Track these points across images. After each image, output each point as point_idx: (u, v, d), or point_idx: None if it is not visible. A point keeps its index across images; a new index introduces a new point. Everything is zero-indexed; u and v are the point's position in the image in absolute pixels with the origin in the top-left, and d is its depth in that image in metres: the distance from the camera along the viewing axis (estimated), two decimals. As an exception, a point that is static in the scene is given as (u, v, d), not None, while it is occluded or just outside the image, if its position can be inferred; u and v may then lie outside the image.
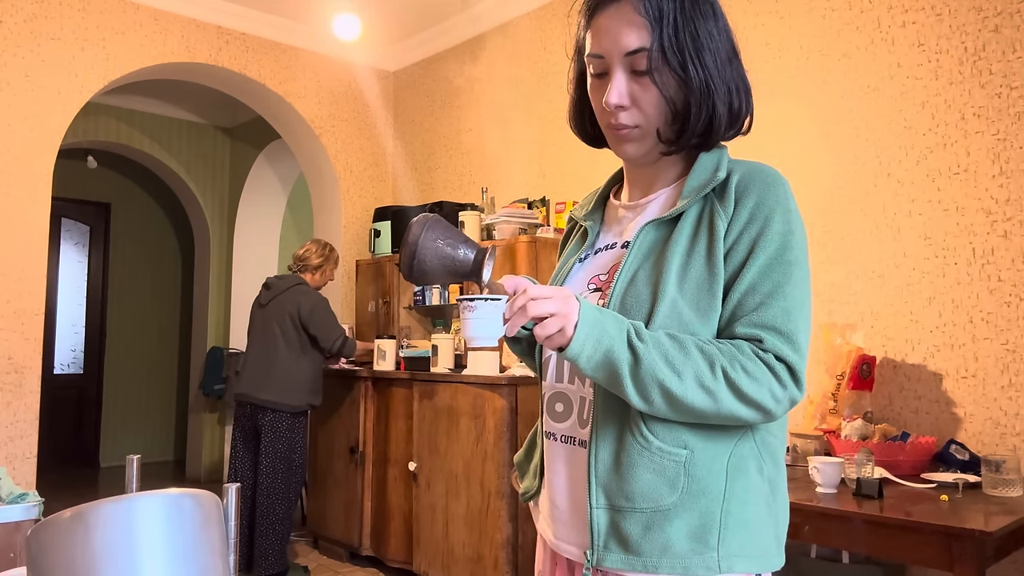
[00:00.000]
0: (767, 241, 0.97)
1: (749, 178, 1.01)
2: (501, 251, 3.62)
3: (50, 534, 0.66)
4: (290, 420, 3.75)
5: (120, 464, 7.21)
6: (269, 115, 5.02)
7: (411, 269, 1.07)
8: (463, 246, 1.07)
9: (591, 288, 1.08)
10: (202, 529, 0.73)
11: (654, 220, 1.04)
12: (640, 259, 1.02)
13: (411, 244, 1.06)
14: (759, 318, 0.94)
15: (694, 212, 1.01)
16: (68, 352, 7.00)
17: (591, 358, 0.91)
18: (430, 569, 3.52)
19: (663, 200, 1.09)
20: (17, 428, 3.63)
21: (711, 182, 1.02)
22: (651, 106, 1.02)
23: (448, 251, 1.06)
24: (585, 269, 1.13)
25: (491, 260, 1.08)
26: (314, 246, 4.00)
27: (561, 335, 0.90)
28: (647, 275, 1.00)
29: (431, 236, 1.06)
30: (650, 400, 0.91)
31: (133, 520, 0.68)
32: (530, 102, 4.21)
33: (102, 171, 7.08)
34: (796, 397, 0.94)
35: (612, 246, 1.12)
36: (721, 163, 1.04)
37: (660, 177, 1.12)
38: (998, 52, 2.52)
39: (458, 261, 1.06)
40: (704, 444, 0.95)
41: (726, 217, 0.99)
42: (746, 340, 0.94)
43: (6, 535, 2.07)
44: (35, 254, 3.73)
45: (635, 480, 0.95)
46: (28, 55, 3.77)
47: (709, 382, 0.90)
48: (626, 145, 1.06)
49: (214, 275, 6.39)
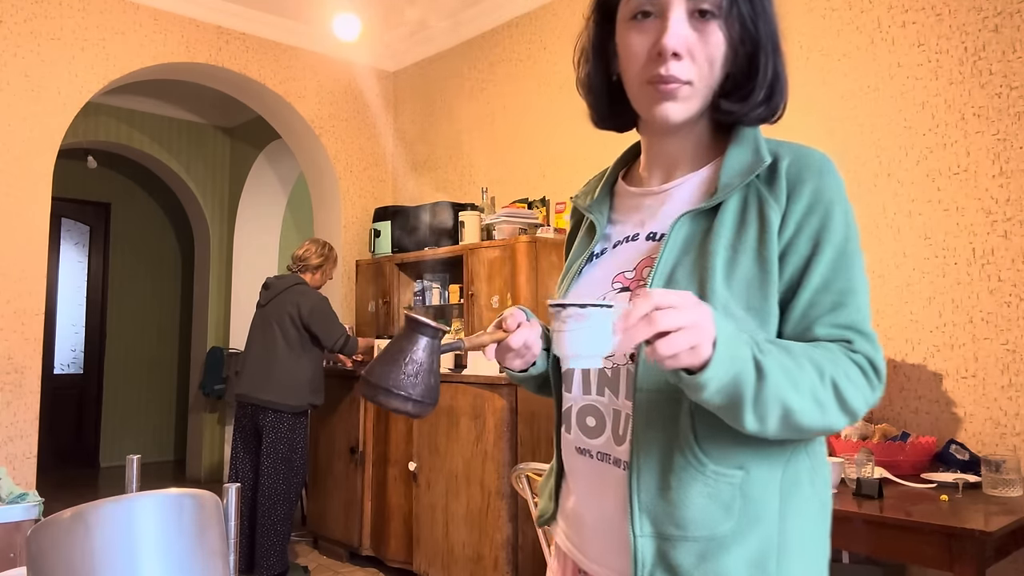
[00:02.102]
0: (832, 233, 0.87)
1: (802, 164, 0.89)
2: (501, 251, 3.62)
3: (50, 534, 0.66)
4: (291, 420, 3.75)
5: (120, 464, 7.21)
6: (269, 115, 5.02)
7: (410, 399, 0.87)
8: (398, 342, 0.89)
9: (616, 287, 0.95)
10: (202, 529, 0.73)
11: (692, 211, 0.91)
12: (677, 253, 0.89)
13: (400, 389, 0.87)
14: (841, 318, 0.85)
15: (736, 201, 0.89)
16: (68, 352, 7.00)
17: (720, 383, 0.74)
18: (430, 569, 3.52)
19: (694, 186, 0.96)
20: (17, 428, 3.63)
21: (756, 166, 0.90)
22: (709, 60, 0.89)
23: (399, 360, 0.88)
24: (602, 265, 0.99)
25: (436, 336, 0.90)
26: (313, 246, 4.00)
27: (693, 355, 0.72)
28: (688, 272, 0.87)
29: (375, 372, 0.88)
30: (765, 423, 0.77)
31: (133, 520, 0.68)
32: (530, 102, 4.21)
33: (102, 171, 7.08)
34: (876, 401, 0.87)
35: (634, 238, 0.98)
36: (760, 144, 0.93)
37: (687, 157, 0.98)
38: (998, 52, 2.51)
39: (413, 351, 0.88)
40: (759, 462, 0.85)
41: (779, 207, 0.87)
42: (832, 342, 0.85)
43: (6, 535, 2.07)
44: (35, 254, 3.73)
45: (687, 506, 0.84)
46: (28, 55, 3.77)
47: (821, 394, 0.79)
48: (669, 104, 0.90)
49: (214, 275, 6.39)
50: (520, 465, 2.21)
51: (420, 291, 4.25)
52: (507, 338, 0.93)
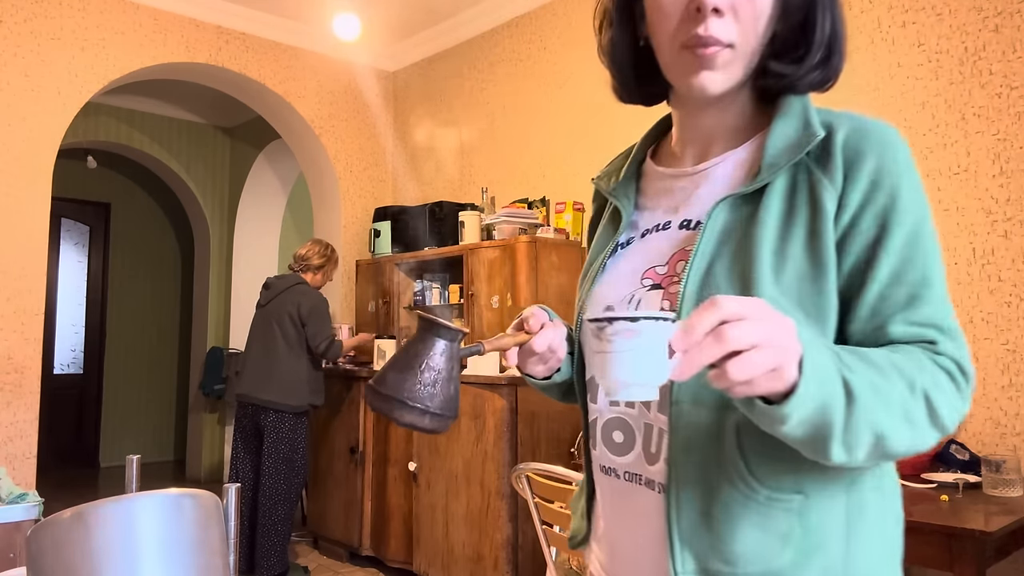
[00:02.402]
0: (900, 215, 0.74)
1: (860, 136, 0.77)
2: (501, 251, 3.61)
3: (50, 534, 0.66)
4: (292, 420, 3.75)
5: (120, 464, 7.21)
6: (269, 115, 5.02)
7: (427, 412, 0.76)
8: (412, 347, 0.78)
9: (646, 284, 0.83)
10: (202, 529, 0.73)
11: (732, 195, 0.79)
12: (716, 244, 0.78)
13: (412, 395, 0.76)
14: (919, 315, 0.73)
15: (783, 183, 0.77)
16: (68, 352, 7.00)
17: (806, 413, 0.61)
18: (430, 569, 3.52)
19: (734, 166, 0.84)
20: (17, 428, 3.63)
21: (805, 142, 0.77)
22: (754, 17, 0.78)
23: (414, 366, 0.77)
24: (630, 257, 0.87)
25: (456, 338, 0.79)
26: (316, 247, 4.00)
27: (773, 379, 0.58)
28: (728, 266, 0.76)
29: (387, 381, 0.76)
30: (854, 453, 0.64)
31: (133, 520, 0.68)
32: (530, 102, 4.21)
33: (102, 171, 7.08)
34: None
35: (665, 226, 0.86)
36: (811, 115, 0.80)
37: (726, 132, 0.86)
38: (998, 52, 2.52)
39: (430, 357, 0.77)
40: (820, 484, 0.73)
41: (835, 189, 0.75)
42: (911, 344, 0.72)
43: (6, 535, 2.07)
44: (35, 254, 3.73)
45: (737, 538, 0.73)
46: (28, 55, 3.77)
47: (913, 411, 0.66)
48: (707, 74, 0.78)
49: (214, 275, 6.39)
50: (520, 465, 2.21)
51: (420, 291, 4.25)
52: (530, 340, 0.82)
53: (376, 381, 0.77)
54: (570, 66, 4.00)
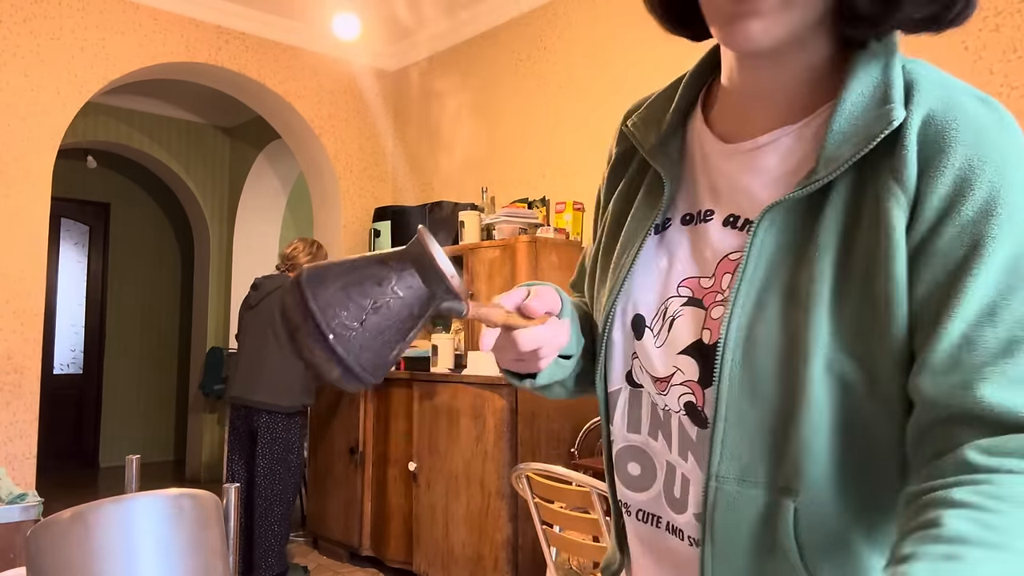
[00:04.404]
0: (1001, 229, 0.53)
1: (947, 119, 0.55)
2: (501, 251, 3.61)
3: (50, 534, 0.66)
4: (286, 421, 3.74)
5: (120, 464, 7.21)
6: (269, 115, 5.02)
7: (344, 364, 0.54)
8: (380, 267, 0.56)
9: (683, 295, 0.66)
10: (202, 530, 0.73)
11: (782, 202, 0.60)
12: (768, 266, 0.60)
13: (310, 323, 0.53)
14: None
15: (847, 182, 0.58)
16: (68, 352, 7.00)
17: None
18: (430, 569, 3.52)
19: (788, 149, 0.63)
20: (17, 428, 3.63)
21: (876, 127, 0.56)
22: None
23: (369, 294, 0.54)
24: (667, 249, 0.70)
25: (433, 243, 0.56)
26: (301, 244, 3.96)
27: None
28: (783, 299, 0.59)
29: (325, 291, 0.54)
30: None
31: (133, 520, 0.68)
32: (530, 102, 4.21)
33: (102, 171, 7.08)
34: None
35: (707, 216, 0.68)
36: (892, 79, 0.58)
37: (783, 98, 0.64)
38: (998, 52, 2.51)
39: (395, 295, 0.55)
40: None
41: (906, 195, 0.55)
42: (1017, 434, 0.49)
43: (6, 535, 2.07)
44: (35, 254, 3.73)
45: None
46: (28, 55, 3.77)
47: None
48: (750, 21, 0.57)
49: (214, 275, 6.39)
50: (520, 465, 2.21)
51: (420, 291, 4.25)
52: (520, 329, 0.62)
53: (309, 277, 0.55)
54: (570, 66, 3.99)
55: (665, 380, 0.66)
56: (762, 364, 0.59)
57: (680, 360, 0.65)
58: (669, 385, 0.66)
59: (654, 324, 0.68)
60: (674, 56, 3.43)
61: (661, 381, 0.67)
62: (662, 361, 0.66)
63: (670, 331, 0.66)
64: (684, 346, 0.65)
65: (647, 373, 0.68)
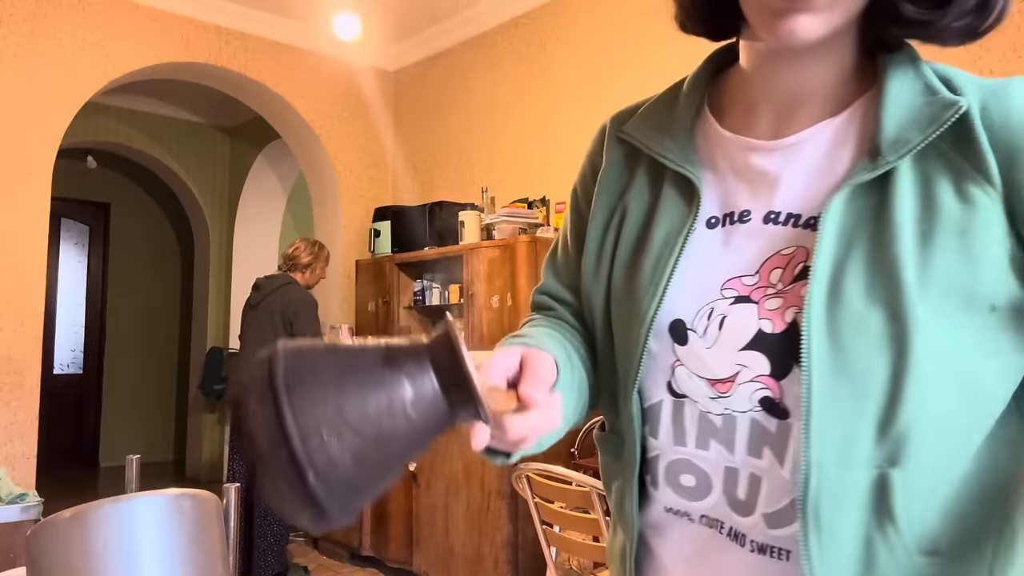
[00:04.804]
0: None
1: (1008, 110, 0.58)
2: (501, 251, 3.61)
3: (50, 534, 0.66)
4: None
5: (120, 464, 7.21)
6: (269, 115, 5.02)
7: (321, 509, 0.40)
8: (389, 370, 0.42)
9: (728, 295, 0.65)
10: (202, 530, 0.73)
11: (852, 185, 0.60)
12: (841, 250, 0.59)
13: (279, 436, 0.38)
14: None
15: (910, 170, 0.59)
16: (68, 352, 7.00)
17: None
18: (430, 569, 3.52)
19: (832, 141, 0.64)
20: (17, 428, 3.63)
21: (940, 114, 0.58)
22: None
23: (370, 414, 0.40)
24: (702, 254, 0.68)
25: (462, 345, 0.45)
26: (303, 244, 3.96)
27: None
28: (865, 281, 0.58)
29: (310, 406, 0.39)
30: None
31: (133, 520, 0.68)
32: (530, 102, 4.21)
33: (102, 171, 7.08)
34: None
35: (743, 216, 0.67)
36: (928, 75, 0.62)
37: (816, 94, 0.66)
38: (998, 52, 2.51)
39: (405, 416, 0.41)
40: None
41: (994, 188, 0.57)
42: None
43: (6, 535, 2.07)
44: (35, 254, 3.73)
45: None
46: (28, 55, 3.77)
47: None
48: (802, 17, 0.58)
49: (214, 275, 6.39)
50: (520, 465, 2.21)
51: (420, 291, 4.25)
52: (512, 416, 0.54)
53: (288, 378, 0.38)
54: (570, 66, 3.99)
55: (728, 380, 0.63)
56: (851, 343, 0.58)
57: (743, 356, 0.63)
58: (735, 385, 0.63)
59: (697, 326, 0.66)
60: (674, 55, 3.43)
61: (723, 382, 0.64)
62: (720, 362, 0.64)
63: (721, 330, 0.64)
64: (745, 341, 0.63)
65: (699, 378, 0.65)
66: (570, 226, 0.81)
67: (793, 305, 0.61)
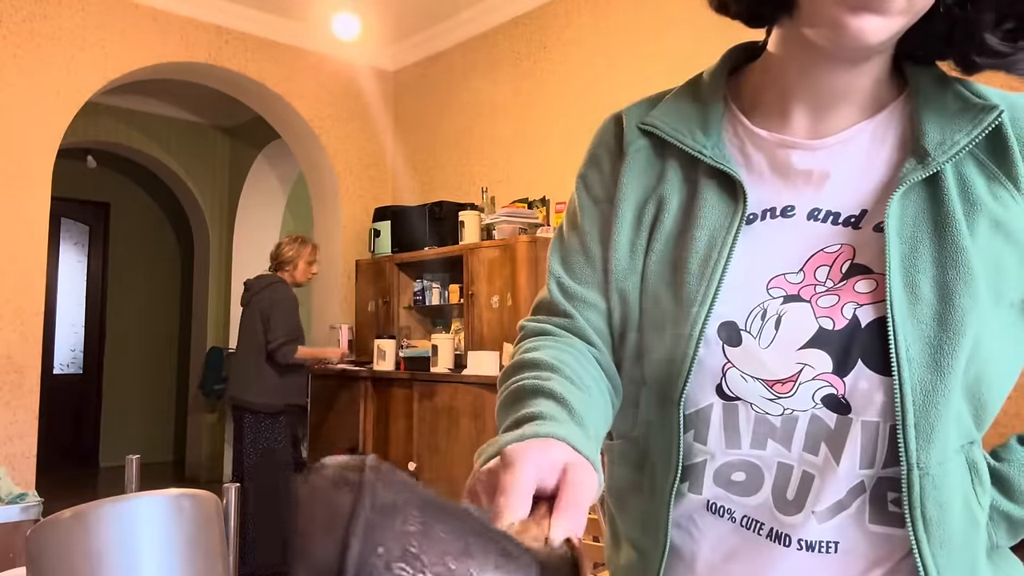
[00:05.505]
0: None
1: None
2: (501, 251, 3.61)
3: (50, 534, 0.66)
4: (269, 420, 3.70)
5: (120, 464, 7.20)
6: (269, 115, 5.02)
7: None
8: (497, 557, 0.34)
9: (777, 295, 0.64)
10: (202, 530, 0.73)
11: (908, 184, 0.61)
12: (908, 248, 0.61)
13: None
14: None
15: (951, 172, 0.62)
16: (68, 352, 7.00)
17: None
18: (430, 569, 3.52)
19: (872, 141, 0.66)
20: (17, 428, 3.63)
21: (979, 118, 0.62)
22: None
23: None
24: (746, 251, 0.66)
25: None
26: (285, 239, 3.99)
27: None
28: (933, 276, 0.60)
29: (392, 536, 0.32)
30: None
31: (133, 520, 0.68)
32: (530, 102, 4.21)
33: (101, 171, 7.08)
34: None
35: (786, 212, 0.66)
36: (953, 84, 0.66)
37: (855, 96, 0.66)
38: (998, 52, 2.51)
39: None
40: None
41: (1019, 190, 0.61)
42: None
43: (6, 535, 2.07)
44: (35, 254, 3.73)
45: None
46: (28, 55, 3.77)
47: None
48: (871, 17, 0.57)
49: (214, 275, 6.38)
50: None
51: (420, 291, 4.25)
52: None
53: (379, 507, 0.33)
54: (570, 66, 3.99)
55: (789, 380, 0.62)
56: (935, 337, 0.59)
57: (804, 355, 0.62)
58: (797, 384, 0.62)
59: (751, 327, 0.64)
60: (675, 55, 3.43)
61: (784, 383, 0.63)
62: (779, 361, 0.63)
63: (778, 330, 0.63)
64: (804, 340, 0.62)
65: (756, 379, 0.63)
66: (585, 219, 0.74)
67: (851, 301, 0.62)
